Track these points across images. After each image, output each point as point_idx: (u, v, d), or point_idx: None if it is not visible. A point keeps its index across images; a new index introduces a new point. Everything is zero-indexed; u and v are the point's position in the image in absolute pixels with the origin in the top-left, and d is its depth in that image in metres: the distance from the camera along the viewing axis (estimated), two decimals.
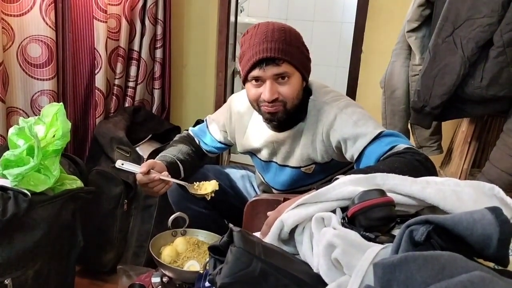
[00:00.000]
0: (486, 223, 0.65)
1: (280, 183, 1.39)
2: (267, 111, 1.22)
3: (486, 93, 1.46)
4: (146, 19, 2.09)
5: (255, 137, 1.39)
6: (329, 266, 0.69)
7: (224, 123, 1.48)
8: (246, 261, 0.69)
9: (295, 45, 1.19)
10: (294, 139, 1.31)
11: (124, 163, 1.31)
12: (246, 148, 1.44)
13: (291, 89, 1.20)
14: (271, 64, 1.16)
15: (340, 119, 1.21)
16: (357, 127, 1.17)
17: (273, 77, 1.18)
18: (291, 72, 1.19)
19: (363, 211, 0.74)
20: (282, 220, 0.84)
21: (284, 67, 1.17)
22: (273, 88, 1.18)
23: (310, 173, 1.32)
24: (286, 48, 1.16)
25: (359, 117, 1.19)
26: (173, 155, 1.41)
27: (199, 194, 1.34)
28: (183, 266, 1.26)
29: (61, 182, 1.19)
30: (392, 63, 1.83)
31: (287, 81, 1.19)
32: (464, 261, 0.61)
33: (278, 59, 1.16)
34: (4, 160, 1.07)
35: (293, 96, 1.21)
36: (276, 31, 1.18)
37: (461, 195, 0.80)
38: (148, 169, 1.27)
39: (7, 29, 1.53)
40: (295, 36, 1.21)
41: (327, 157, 1.28)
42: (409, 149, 1.08)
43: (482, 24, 1.43)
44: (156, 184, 1.29)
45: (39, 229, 1.08)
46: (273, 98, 1.19)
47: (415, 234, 0.65)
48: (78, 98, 1.86)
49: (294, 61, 1.18)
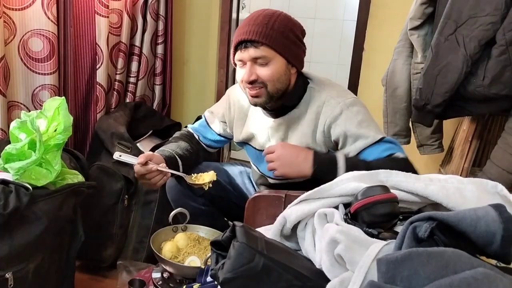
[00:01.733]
0: (490, 220, 0.65)
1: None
2: (249, 93, 1.25)
3: (488, 92, 1.46)
4: (148, 14, 2.08)
5: (252, 125, 1.41)
6: (332, 262, 0.69)
7: (224, 114, 1.49)
8: (248, 256, 0.69)
9: (280, 30, 1.20)
10: (289, 125, 1.33)
11: (122, 155, 1.32)
12: (242, 136, 1.45)
13: (270, 71, 1.22)
14: (250, 47, 1.19)
15: (345, 115, 1.23)
16: (360, 127, 1.20)
17: (252, 60, 1.21)
18: (271, 56, 1.21)
19: (366, 207, 0.74)
20: (285, 216, 0.84)
21: (263, 50, 1.20)
22: (251, 70, 1.22)
23: None
24: (266, 32, 1.19)
25: (364, 118, 1.23)
26: (171, 150, 1.41)
27: (197, 184, 1.34)
28: (184, 261, 1.26)
29: (62, 176, 1.19)
30: (394, 61, 1.83)
31: (266, 63, 1.21)
32: (468, 257, 0.61)
33: (255, 41, 1.18)
34: (5, 153, 1.07)
35: (272, 79, 1.22)
36: (262, 16, 1.21)
37: (464, 193, 0.80)
38: (145, 160, 1.28)
39: (8, 23, 1.53)
40: (282, 22, 1.22)
41: (325, 148, 1.30)
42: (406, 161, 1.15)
43: (485, 22, 1.43)
44: (154, 175, 1.29)
45: (40, 223, 1.07)
46: (251, 80, 1.22)
47: (419, 231, 0.65)
48: (79, 93, 1.86)
49: (274, 45, 1.20)
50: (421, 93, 1.59)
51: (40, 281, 1.14)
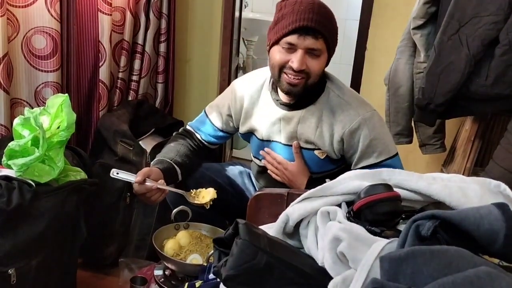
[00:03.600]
0: (493, 219, 0.65)
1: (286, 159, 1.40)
2: (289, 81, 1.24)
3: (491, 92, 1.46)
4: (151, 12, 2.08)
5: (261, 115, 1.41)
6: (335, 260, 0.69)
7: (229, 105, 1.48)
8: (251, 254, 0.69)
9: (335, 27, 1.25)
10: (302, 119, 1.34)
11: (119, 172, 1.31)
12: (249, 127, 1.45)
13: (319, 65, 1.24)
14: (311, 36, 1.19)
15: (362, 131, 1.28)
16: (369, 147, 1.27)
17: (306, 49, 1.21)
18: (323, 50, 1.23)
19: (369, 205, 0.74)
20: (287, 214, 0.84)
21: (320, 43, 1.21)
22: (303, 59, 1.22)
23: (322, 158, 1.36)
24: (329, 26, 1.21)
25: (376, 137, 1.28)
26: (170, 159, 1.41)
27: (197, 204, 1.35)
28: (186, 259, 1.26)
29: (65, 173, 1.19)
30: (396, 60, 1.83)
31: (317, 57, 1.23)
32: (471, 256, 0.61)
33: (319, 32, 1.19)
34: (9, 150, 1.07)
35: (317, 73, 1.25)
36: (322, 7, 1.22)
37: (467, 192, 0.80)
38: (143, 178, 1.28)
39: (12, 20, 1.53)
40: (334, 18, 1.26)
41: (337, 152, 1.34)
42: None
43: (488, 22, 1.43)
44: (153, 193, 1.30)
45: (43, 219, 1.08)
46: (302, 69, 1.22)
47: (422, 229, 0.65)
48: (82, 90, 1.86)
49: (329, 40, 1.22)
50: (423, 92, 1.59)
51: (42, 277, 1.14)
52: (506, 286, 0.56)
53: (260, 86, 1.40)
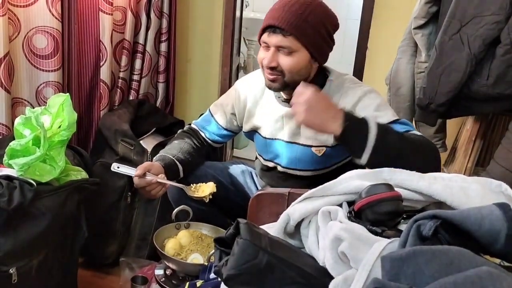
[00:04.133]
0: (494, 219, 0.65)
1: (288, 158, 1.39)
2: (267, 77, 1.27)
3: (492, 91, 1.46)
4: (152, 12, 2.08)
5: (264, 113, 1.41)
6: (336, 260, 0.69)
7: (233, 104, 1.48)
8: (252, 253, 0.69)
9: (312, 24, 1.20)
10: None
11: (120, 166, 1.32)
12: (252, 125, 1.45)
13: (291, 62, 1.22)
14: (278, 33, 1.19)
15: (364, 101, 1.24)
16: (378, 111, 1.21)
17: (276, 46, 1.21)
18: (296, 47, 1.21)
19: (370, 205, 0.74)
20: (288, 214, 0.84)
21: (289, 41, 1.19)
22: (273, 56, 1.22)
23: (320, 155, 1.33)
24: (299, 23, 1.18)
25: (381, 103, 1.25)
26: (172, 155, 1.41)
27: (197, 197, 1.35)
28: (187, 258, 1.27)
29: (66, 173, 1.20)
30: (397, 60, 1.83)
31: (290, 54, 1.21)
32: (472, 256, 0.61)
33: (284, 30, 1.18)
34: (10, 149, 1.07)
35: (291, 70, 1.23)
36: (298, 4, 1.20)
37: (468, 192, 0.80)
38: (143, 172, 1.28)
39: (13, 20, 1.53)
40: (318, 15, 1.22)
41: None
42: (423, 137, 1.16)
43: (490, 21, 1.43)
44: (153, 187, 1.30)
45: (44, 219, 1.08)
46: (271, 66, 1.23)
47: (423, 229, 0.65)
48: (83, 90, 1.86)
49: (302, 37, 1.20)
50: (424, 92, 1.59)
51: (43, 277, 1.14)
52: (507, 286, 0.56)
53: (263, 85, 1.40)
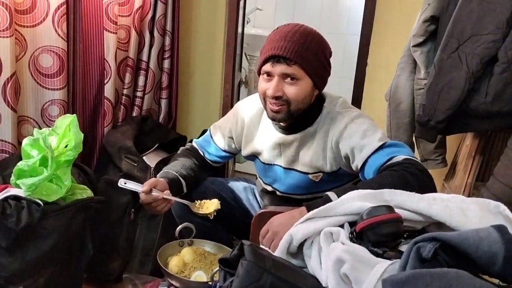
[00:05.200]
0: (492, 241, 0.66)
1: (286, 185, 1.41)
2: (271, 108, 1.26)
3: (491, 109, 1.48)
4: (155, 30, 2.12)
5: (262, 139, 1.43)
6: (338, 281, 0.71)
7: (231, 128, 1.50)
8: (256, 275, 0.71)
9: (313, 52, 1.23)
10: (301, 143, 1.34)
11: (127, 182, 1.34)
12: (251, 150, 1.47)
13: (297, 91, 1.23)
14: (282, 63, 1.21)
15: (350, 128, 1.25)
16: (365, 137, 1.21)
17: (281, 75, 1.22)
18: (300, 75, 1.22)
19: (371, 226, 0.76)
20: (291, 234, 0.86)
21: (294, 69, 1.21)
22: (279, 86, 1.23)
23: (317, 181, 1.35)
24: (301, 51, 1.20)
25: (368, 128, 1.23)
26: (175, 171, 1.44)
27: (201, 214, 1.37)
28: (190, 276, 1.27)
29: (72, 191, 1.22)
30: (397, 76, 1.85)
31: (295, 82, 1.23)
32: (471, 278, 0.62)
33: (289, 59, 1.20)
34: (17, 170, 1.10)
35: (297, 98, 1.24)
36: (298, 33, 1.22)
37: (467, 212, 0.82)
38: (150, 188, 1.30)
39: (20, 40, 1.56)
40: (317, 44, 1.25)
41: (335, 165, 1.31)
42: (407, 160, 1.12)
43: (487, 40, 1.45)
44: (159, 203, 1.32)
45: (50, 238, 1.10)
46: (276, 95, 1.23)
47: (423, 251, 0.67)
48: (87, 107, 1.89)
49: (306, 66, 1.22)
50: (424, 109, 1.61)
51: None
52: None
53: (261, 109, 1.41)
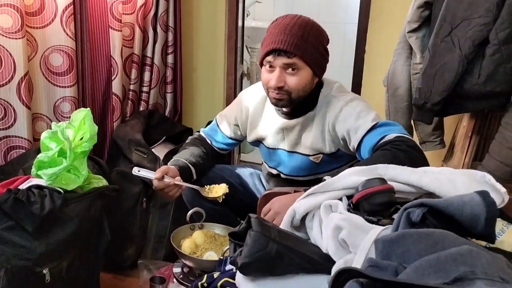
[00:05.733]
0: (475, 204, 0.73)
1: (290, 167, 1.49)
2: (273, 97, 1.34)
3: (484, 89, 1.53)
4: (158, 26, 2.18)
5: (266, 124, 1.50)
6: (337, 246, 0.78)
7: (236, 116, 1.58)
8: (263, 243, 0.78)
9: (312, 43, 1.29)
10: (303, 127, 1.41)
11: (140, 170, 1.42)
12: (256, 136, 1.54)
13: (298, 81, 1.30)
14: (283, 55, 1.27)
15: (345, 111, 1.32)
16: (359, 118, 1.28)
17: (283, 66, 1.29)
18: (301, 65, 1.29)
19: (366, 197, 0.83)
20: (294, 209, 0.93)
21: (295, 60, 1.28)
22: (281, 77, 1.29)
23: (318, 162, 1.42)
24: (300, 44, 1.26)
25: (362, 109, 1.30)
26: (185, 159, 1.51)
27: (210, 197, 1.44)
28: (202, 256, 1.36)
29: (89, 181, 1.30)
30: (394, 62, 1.91)
31: (296, 72, 1.30)
32: (455, 237, 0.69)
33: (289, 52, 1.26)
34: (38, 161, 1.18)
35: (298, 88, 1.31)
36: (297, 26, 1.28)
37: (455, 183, 0.88)
38: (162, 175, 1.38)
39: (30, 41, 1.64)
40: (315, 34, 1.31)
41: (334, 147, 1.39)
42: (398, 138, 1.18)
43: (478, 23, 1.50)
44: (171, 188, 1.40)
45: (72, 223, 1.18)
46: (279, 86, 1.30)
47: (412, 216, 0.74)
48: (97, 103, 1.96)
49: (305, 57, 1.28)
50: (420, 92, 1.67)
51: (72, 277, 1.24)
52: (485, 262, 0.64)
53: (264, 97, 1.48)
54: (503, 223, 0.91)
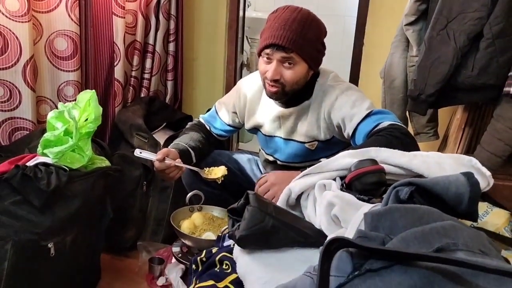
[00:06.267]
0: (460, 184, 0.78)
1: (286, 154, 1.54)
2: (269, 89, 1.38)
3: (477, 82, 1.57)
4: (160, 14, 2.21)
5: (263, 113, 1.55)
6: (329, 222, 0.83)
7: (234, 104, 1.62)
8: (260, 218, 0.83)
9: (309, 39, 1.32)
10: (298, 115, 1.46)
11: (142, 152, 1.46)
12: (253, 123, 1.59)
13: (294, 75, 1.34)
14: (281, 50, 1.31)
15: (341, 99, 1.36)
16: (354, 107, 1.32)
17: (280, 59, 1.33)
18: (298, 60, 1.33)
19: (358, 177, 0.87)
20: (290, 188, 0.98)
21: (292, 55, 1.32)
22: (277, 69, 1.34)
23: (313, 149, 1.47)
24: (298, 40, 1.30)
25: (357, 98, 1.35)
26: (185, 143, 1.56)
27: (210, 179, 1.49)
28: (201, 236, 1.41)
29: (92, 161, 1.34)
30: (391, 55, 1.95)
31: (292, 66, 1.34)
32: (439, 213, 0.74)
33: (287, 48, 1.30)
34: (44, 140, 1.22)
35: (293, 81, 1.36)
36: (297, 21, 1.31)
37: (443, 166, 0.93)
38: (163, 156, 1.42)
39: (36, 25, 1.67)
40: (314, 30, 1.34)
41: (329, 133, 1.43)
42: (392, 125, 1.23)
43: (473, 17, 1.54)
44: (171, 170, 1.44)
45: (76, 200, 1.22)
46: (275, 78, 1.34)
47: (400, 193, 0.79)
48: (99, 88, 2.00)
49: (302, 53, 1.32)
50: (415, 84, 1.71)
51: (75, 252, 1.29)
52: (467, 236, 0.69)
53: (262, 86, 1.51)
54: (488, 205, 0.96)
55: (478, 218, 0.82)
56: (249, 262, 0.84)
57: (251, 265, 0.83)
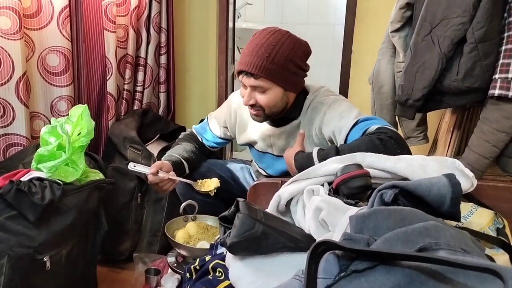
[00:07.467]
0: (441, 186, 0.81)
1: (277, 170, 1.56)
2: (250, 111, 1.42)
3: (462, 85, 1.60)
4: (151, 28, 2.25)
5: (254, 130, 1.57)
6: (317, 226, 0.85)
7: (225, 119, 1.65)
8: (250, 224, 0.85)
9: (279, 63, 1.31)
10: (289, 135, 1.48)
11: (136, 165, 1.48)
12: (245, 140, 1.61)
13: (267, 99, 1.36)
14: (250, 76, 1.33)
15: (329, 114, 1.37)
16: (342, 118, 1.34)
17: (251, 87, 1.36)
18: (268, 86, 1.34)
19: (344, 181, 0.90)
20: (279, 194, 1.00)
21: (261, 82, 1.33)
22: (251, 95, 1.37)
23: None
24: (266, 65, 1.30)
25: (344, 109, 1.36)
26: (178, 154, 1.58)
27: (203, 191, 1.51)
28: (195, 246, 1.42)
29: (86, 174, 1.36)
30: (378, 61, 1.98)
31: (264, 91, 1.35)
32: (422, 214, 0.77)
33: (255, 74, 1.32)
34: (38, 155, 1.24)
35: (269, 105, 1.37)
36: (265, 46, 1.31)
37: (426, 168, 0.96)
38: (157, 170, 1.44)
39: (28, 42, 1.69)
40: (284, 53, 1.31)
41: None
42: (379, 129, 1.24)
43: (456, 23, 1.58)
44: (165, 183, 1.46)
45: (70, 213, 1.24)
46: (250, 104, 1.37)
47: (385, 196, 0.81)
48: (92, 102, 2.02)
49: (271, 77, 1.32)
50: (402, 89, 1.75)
51: (71, 265, 1.30)
52: (449, 235, 0.71)
53: None
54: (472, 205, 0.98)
55: (461, 218, 0.85)
56: (241, 268, 0.86)
57: (243, 271, 0.85)
